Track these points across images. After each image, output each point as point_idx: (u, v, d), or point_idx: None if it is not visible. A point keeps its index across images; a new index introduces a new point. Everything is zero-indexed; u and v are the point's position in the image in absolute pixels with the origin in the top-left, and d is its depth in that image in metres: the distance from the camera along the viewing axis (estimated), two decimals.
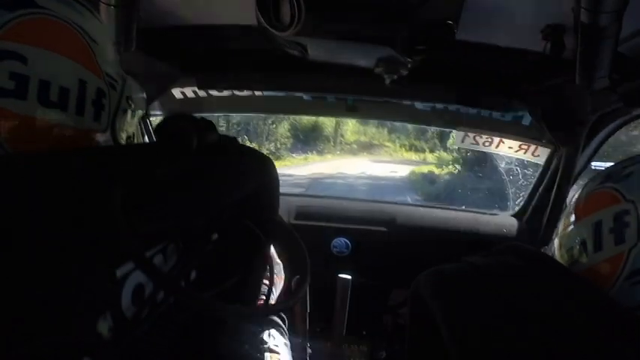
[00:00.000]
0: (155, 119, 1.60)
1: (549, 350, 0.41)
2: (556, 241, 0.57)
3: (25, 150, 0.36)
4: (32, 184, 0.29)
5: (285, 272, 1.41)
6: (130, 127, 0.49)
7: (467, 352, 0.47)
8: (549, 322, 0.43)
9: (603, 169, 0.59)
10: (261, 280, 0.52)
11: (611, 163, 0.58)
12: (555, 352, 0.41)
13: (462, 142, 1.61)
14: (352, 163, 12.48)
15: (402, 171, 11.07)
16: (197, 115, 0.48)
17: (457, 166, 9.48)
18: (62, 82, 0.38)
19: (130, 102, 0.49)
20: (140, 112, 0.61)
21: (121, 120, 0.47)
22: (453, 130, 1.86)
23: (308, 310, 1.48)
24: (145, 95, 0.70)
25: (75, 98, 0.39)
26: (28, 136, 0.36)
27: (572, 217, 0.55)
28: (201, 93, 1.52)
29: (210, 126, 0.45)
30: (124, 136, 0.49)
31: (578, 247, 0.52)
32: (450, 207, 1.87)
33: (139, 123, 0.55)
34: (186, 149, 0.39)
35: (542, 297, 0.45)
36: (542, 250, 0.58)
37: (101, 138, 0.44)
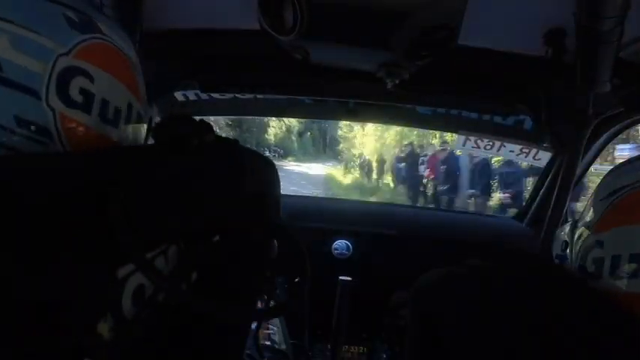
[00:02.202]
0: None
1: (552, 357, 0.41)
2: (575, 248, 0.50)
3: None
4: (33, 184, 0.29)
5: (285, 274, 1.41)
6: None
7: (467, 355, 0.47)
8: (551, 329, 0.42)
9: None
10: (262, 282, 0.53)
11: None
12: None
13: (463, 145, 1.61)
14: None
15: None
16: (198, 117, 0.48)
17: None
18: (117, 103, 0.43)
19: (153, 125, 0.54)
20: None
21: (150, 141, 0.51)
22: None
23: (308, 312, 1.48)
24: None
25: (124, 118, 0.44)
26: (88, 147, 0.40)
27: (606, 220, 0.45)
28: (204, 96, 1.53)
29: (209, 128, 0.45)
30: None
31: (622, 261, 0.42)
32: (451, 209, 1.87)
33: None
34: (185, 151, 0.40)
35: (543, 303, 0.45)
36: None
37: None
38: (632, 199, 0.43)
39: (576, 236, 0.51)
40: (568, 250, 0.53)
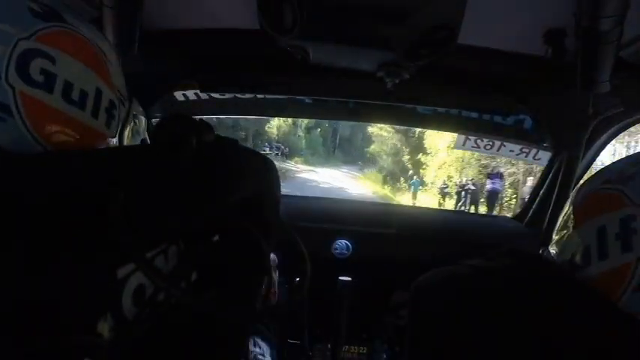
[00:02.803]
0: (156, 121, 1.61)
1: (550, 355, 0.41)
2: (556, 246, 0.55)
3: (47, 138, 0.41)
4: (33, 184, 0.29)
5: (285, 274, 1.41)
6: (134, 142, 0.53)
7: (467, 355, 0.47)
8: (550, 327, 0.42)
9: (602, 167, 0.56)
10: (262, 282, 0.53)
11: None
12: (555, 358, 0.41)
13: (463, 145, 1.62)
14: None
15: None
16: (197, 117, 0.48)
17: None
18: (82, 86, 0.44)
19: (136, 120, 0.54)
20: (143, 132, 0.66)
21: (127, 134, 0.53)
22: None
23: (308, 312, 1.48)
24: (145, 117, 0.76)
25: (92, 102, 0.45)
26: (51, 126, 0.42)
27: (572, 220, 0.52)
28: (203, 95, 1.53)
29: (209, 127, 0.45)
30: None
31: (580, 253, 0.48)
32: (451, 209, 1.87)
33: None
34: (185, 150, 0.40)
35: (542, 302, 0.45)
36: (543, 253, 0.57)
37: (111, 144, 0.49)
38: (593, 199, 0.51)
39: (555, 241, 0.55)
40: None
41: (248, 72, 1.37)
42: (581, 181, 0.58)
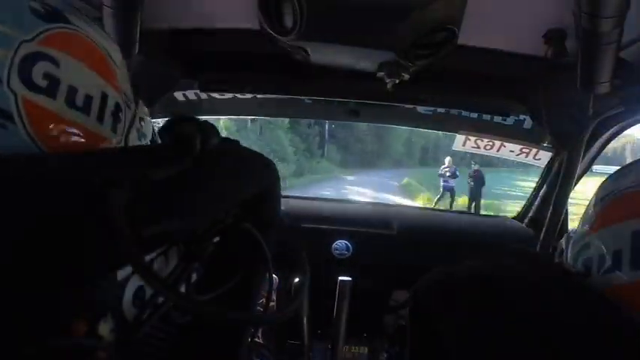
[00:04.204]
0: (156, 122, 1.60)
1: (551, 357, 0.41)
2: (570, 248, 0.51)
3: (50, 144, 0.40)
4: (32, 185, 0.29)
5: (285, 275, 1.41)
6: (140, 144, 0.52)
7: (467, 355, 0.47)
8: (551, 329, 0.42)
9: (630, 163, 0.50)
10: (262, 284, 0.53)
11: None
12: None
13: (464, 145, 1.61)
14: None
15: None
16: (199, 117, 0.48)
17: None
18: (87, 91, 0.43)
19: (142, 123, 0.53)
20: (149, 134, 0.65)
21: (133, 137, 0.51)
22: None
23: (308, 313, 1.48)
24: (151, 121, 0.75)
25: (97, 107, 0.44)
26: (55, 132, 0.40)
27: (595, 221, 0.47)
28: (203, 96, 1.53)
29: (213, 129, 0.45)
30: None
31: (606, 258, 0.44)
32: (451, 210, 1.87)
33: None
34: (189, 152, 0.40)
35: (544, 303, 0.44)
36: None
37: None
38: (616, 202, 0.46)
39: (572, 240, 0.52)
40: (563, 257, 0.54)
41: (248, 72, 1.37)
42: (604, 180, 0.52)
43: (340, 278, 1.35)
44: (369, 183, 13.40)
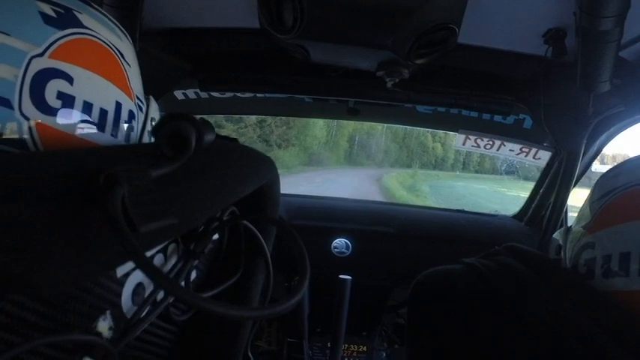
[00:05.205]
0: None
1: (551, 355, 0.41)
2: (568, 245, 0.50)
3: None
4: (31, 181, 0.29)
5: (284, 273, 1.42)
6: None
7: (466, 353, 0.47)
8: (550, 326, 0.42)
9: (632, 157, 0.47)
10: (261, 281, 0.53)
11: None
12: None
13: (463, 144, 1.61)
14: None
15: None
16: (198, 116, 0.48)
17: None
18: (102, 104, 0.39)
19: (153, 122, 0.51)
20: None
21: (144, 140, 0.48)
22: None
23: (308, 311, 1.48)
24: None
25: (112, 120, 0.41)
26: None
27: (598, 220, 0.45)
28: (203, 94, 1.53)
29: (209, 126, 0.45)
30: None
31: (612, 260, 0.42)
32: (450, 208, 1.87)
33: None
34: (184, 149, 0.39)
35: (544, 303, 0.44)
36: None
37: None
38: (622, 200, 0.44)
39: (570, 238, 0.51)
40: (562, 253, 0.53)
41: (248, 71, 1.37)
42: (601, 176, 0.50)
43: (340, 276, 1.36)
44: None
